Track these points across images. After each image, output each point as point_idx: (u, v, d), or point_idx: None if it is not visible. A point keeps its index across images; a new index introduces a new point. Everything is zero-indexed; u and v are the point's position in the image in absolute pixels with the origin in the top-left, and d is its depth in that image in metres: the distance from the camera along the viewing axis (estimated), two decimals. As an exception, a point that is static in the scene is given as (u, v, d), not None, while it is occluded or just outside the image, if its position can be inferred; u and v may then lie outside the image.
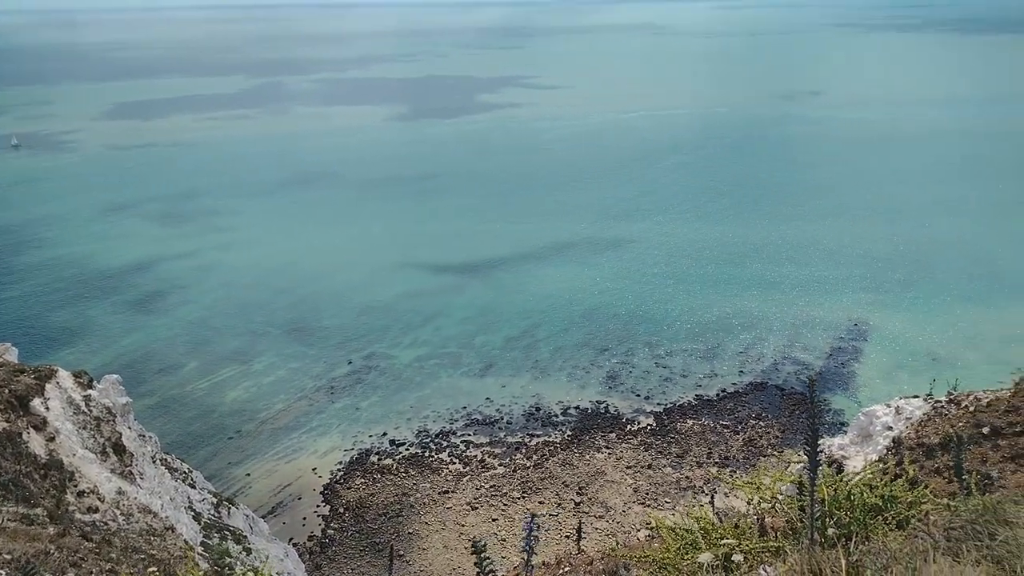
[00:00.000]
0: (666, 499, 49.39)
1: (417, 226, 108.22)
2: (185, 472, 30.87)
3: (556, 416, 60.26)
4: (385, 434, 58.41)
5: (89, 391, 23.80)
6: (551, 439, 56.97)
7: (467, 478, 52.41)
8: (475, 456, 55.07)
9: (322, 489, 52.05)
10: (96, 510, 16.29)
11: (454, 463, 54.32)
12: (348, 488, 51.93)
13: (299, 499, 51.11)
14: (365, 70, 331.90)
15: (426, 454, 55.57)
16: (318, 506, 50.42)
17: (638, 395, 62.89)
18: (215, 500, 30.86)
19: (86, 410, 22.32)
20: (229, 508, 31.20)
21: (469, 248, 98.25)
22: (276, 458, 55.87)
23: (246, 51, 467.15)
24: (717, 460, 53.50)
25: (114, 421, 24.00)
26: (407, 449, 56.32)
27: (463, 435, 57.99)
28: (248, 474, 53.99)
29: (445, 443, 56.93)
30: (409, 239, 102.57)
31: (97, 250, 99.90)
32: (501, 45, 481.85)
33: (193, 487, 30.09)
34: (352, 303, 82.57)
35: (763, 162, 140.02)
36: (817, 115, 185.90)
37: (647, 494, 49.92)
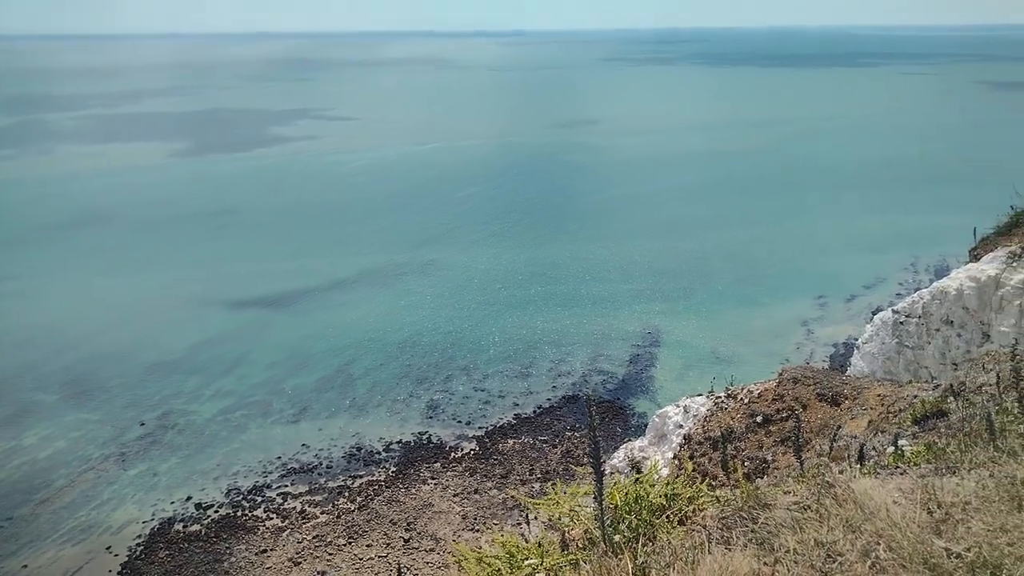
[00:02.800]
0: (494, 521, 49.99)
1: (211, 267, 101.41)
2: (-59, 577, 26.35)
3: (379, 453, 58.96)
4: (189, 498, 53.69)
5: None
6: (375, 478, 55.57)
7: (287, 532, 49.55)
8: (294, 507, 52.27)
9: (120, 569, 46.61)
10: None
11: (271, 518, 51.15)
12: (151, 563, 46.97)
13: (92, 585, 45.46)
14: (139, 105, 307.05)
15: (239, 513, 51.78)
16: (116, 589, 45.14)
17: (459, 421, 63.33)
18: (-17, 604, 26.61)
19: None
20: (2, 610, 27.06)
21: (272, 287, 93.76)
22: (61, 542, 49.26)
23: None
24: (539, 475, 55.14)
25: None
26: (216, 511, 52.14)
27: (279, 487, 54.84)
28: (25, 566, 47.06)
29: (259, 498, 53.46)
30: (203, 282, 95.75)
31: None
32: (290, 77, 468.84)
33: (-47, 593, 25.74)
34: (141, 358, 75.34)
35: (554, 187, 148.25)
36: (597, 142, 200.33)
37: (476, 519, 50.21)
